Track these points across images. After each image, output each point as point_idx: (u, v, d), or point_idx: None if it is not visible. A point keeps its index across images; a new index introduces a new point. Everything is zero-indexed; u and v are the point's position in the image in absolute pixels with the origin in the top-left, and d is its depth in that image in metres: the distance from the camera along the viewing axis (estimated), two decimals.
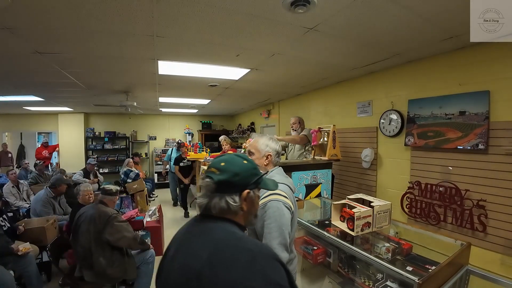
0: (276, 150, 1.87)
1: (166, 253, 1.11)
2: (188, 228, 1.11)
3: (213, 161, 1.13)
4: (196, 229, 1.07)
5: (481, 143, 2.65)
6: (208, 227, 1.04)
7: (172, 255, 1.05)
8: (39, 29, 2.43)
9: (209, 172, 1.08)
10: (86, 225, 2.94)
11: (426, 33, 2.53)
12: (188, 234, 1.08)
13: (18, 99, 6.29)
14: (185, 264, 0.94)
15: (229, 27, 2.42)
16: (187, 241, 1.04)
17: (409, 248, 2.00)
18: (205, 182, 1.07)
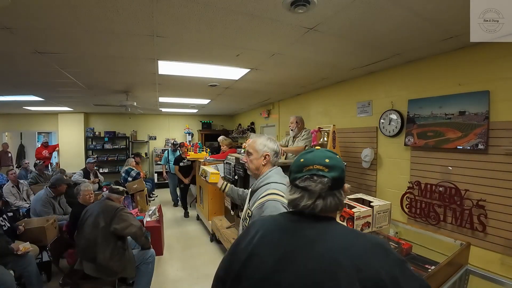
0: (274, 150, 1.87)
1: (249, 263, 0.99)
2: (296, 233, 0.99)
3: (310, 158, 1.04)
4: (312, 232, 0.97)
5: (481, 143, 2.65)
6: (328, 229, 0.98)
7: (274, 265, 0.93)
8: (39, 29, 2.43)
9: (314, 170, 1.00)
10: (94, 218, 3.02)
11: (426, 33, 2.53)
12: (302, 239, 0.96)
13: (18, 99, 6.29)
14: (321, 272, 0.87)
15: (229, 27, 2.42)
16: (306, 248, 0.93)
17: (409, 248, 2.01)
18: (319, 181, 0.98)
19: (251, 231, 1.07)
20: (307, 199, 0.98)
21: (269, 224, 1.07)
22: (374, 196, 3.58)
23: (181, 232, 5.75)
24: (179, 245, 5.06)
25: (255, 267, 0.96)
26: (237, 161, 4.08)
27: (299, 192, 1.00)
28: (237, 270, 1.00)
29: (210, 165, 5.20)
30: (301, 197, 0.99)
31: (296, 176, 1.02)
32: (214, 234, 4.92)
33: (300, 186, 1.00)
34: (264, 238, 1.01)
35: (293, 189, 1.02)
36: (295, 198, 1.01)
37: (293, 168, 1.06)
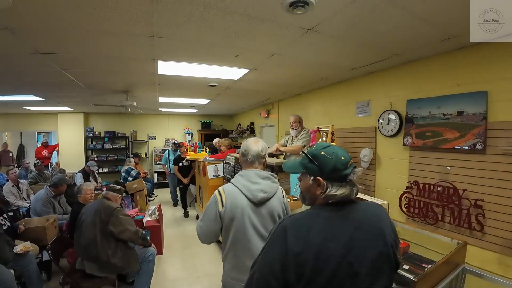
0: (242, 152, 1.94)
1: (318, 260, 1.03)
2: (346, 219, 1.13)
3: (344, 154, 1.20)
4: (355, 214, 1.15)
5: (479, 143, 2.66)
6: (361, 207, 1.19)
7: (344, 251, 1.05)
8: (39, 29, 2.44)
9: (352, 164, 1.19)
10: (92, 217, 3.03)
11: (424, 33, 2.54)
12: (352, 222, 1.12)
13: (18, 99, 6.30)
14: (377, 241, 1.12)
15: (229, 27, 2.43)
16: (360, 227, 1.11)
17: (406, 247, 2.02)
18: (356, 173, 1.17)
19: (293, 235, 1.07)
20: (353, 189, 1.16)
21: (316, 220, 1.12)
22: (372, 196, 3.61)
23: (181, 231, 5.76)
24: (179, 244, 5.07)
25: (326, 261, 1.02)
26: (237, 161, 4.09)
27: (347, 186, 1.14)
28: (308, 271, 1.01)
29: (210, 165, 5.22)
30: (350, 189, 1.14)
31: (346, 172, 1.14)
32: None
33: (350, 181, 1.15)
34: (322, 232, 1.07)
35: (342, 184, 1.14)
36: (346, 192, 1.13)
37: (338, 166, 1.14)
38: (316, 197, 1.19)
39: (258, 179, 1.83)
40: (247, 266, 1.61)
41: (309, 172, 1.21)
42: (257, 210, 1.78)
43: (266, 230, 1.77)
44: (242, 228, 1.77)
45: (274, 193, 1.85)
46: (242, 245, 1.78)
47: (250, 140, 1.97)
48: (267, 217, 1.80)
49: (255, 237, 1.77)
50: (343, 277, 1.02)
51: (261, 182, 1.82)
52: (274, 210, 1.83)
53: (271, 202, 1.82)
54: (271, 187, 1.84)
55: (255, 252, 1.69)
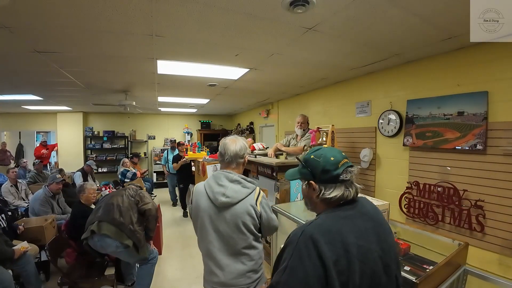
0: (219, 151, 1.87)
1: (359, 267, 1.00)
2: (365, 219, 1.14)
3: (335, 154, 1.19)
4: (369, 210, 1.20)
5: (479, 143, 2.65)
6: (366, 203, 1.23)
7: (379, 250, 1.07)
8: (38, 28, 2.42)
9: (345, 164, 1.16)
10: (118, 191, 3.37)
11: (425, 33, 2.53)
12: (371, 221, 1.14)
13: (16, 98, 6.27)
14: (389, 235, 1.18)
15: (228, 26, 2.42)
16: (377, 223, 1.16)
17: (407, 248, 2.01)
18: (352, 171, 1.17)
19: (324, 241, 1.01)
20: (351, 189, 1.15)
21: (341, 222, 1.09)
22: (372, 196, 3.60)
23: (180, 231, 5.75)
24: (178, 244, 5.06)
25: (365, 261, 1.02)
26: None
27: (341, 186, 1.14)
28: (352, 276, 0.98)
29: (209, 164, 5.20)
30: (346, 190, 1.14)
31: (337, 172, 1.13)
32: None
33: (344, 180, 1.13)
34: (352, 233, 1.05)
35: (336, 185, 1.14)
36: (341, 193, 1.13)
37: (328, 167, 1.14)
38: (315, 202, 1.20)
39: (225, 182, 1.73)
40: (210, 268, 1.75)
41: (303, 177, 1.23)
42: (220, 213, 1.70)
43: (230, 236, 1.70)
44: (204, 230, 1.75)
45: (241, 199, 1.71)
46: (205, 246, 1.77)
47: (228, 139, 1.86)
48: (230, 223, 1.69)
49: (216, 241, 1.72)
50: (380, 272, 1.05)
51: (227, 186, 1.72)
52: (238, 217, 1.69)
53: (235, 208, 1.69)
54: (238, 192, 1.71)
55: (216, 255, 1.71)
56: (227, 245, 1.72)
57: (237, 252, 1.72)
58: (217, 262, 1.72)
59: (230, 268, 1.71)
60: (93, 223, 2.97)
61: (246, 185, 1.76)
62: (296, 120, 4.19)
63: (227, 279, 1.70)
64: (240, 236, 1.70)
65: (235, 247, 1.71)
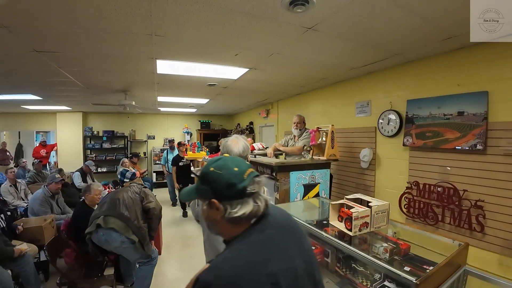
0: (222, 153, 1.86)
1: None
2: (285, 224, 1.12)
3: (239, 164, 1.04)
4: (283, 220, 1.14)
5: (480, 143, 2.65)
6: (278, 210, 1.17)
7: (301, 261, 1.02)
8: (36, 27, 2.41)
9: (251, 174, 1.02)
10: (122, 189, 3.38)
11: (425, 33, 2.53)
12: (288, 229, 1.10)
13: (16, 98, 6.26)
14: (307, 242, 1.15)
15: (228, 26, 2.41)
16: (294, 231, 1.12)
17: (407, 248, 2.00)
18: (260, 181, 1.04)
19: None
20: (260, 203, 1.00)
21: (264, 258, 0.93)
22: (372, 196, 3.58)
23: (180, 232, 5.74)
24: (178, 244, 5.05)
25: (294, 280, 0.95)
26: None
27: (249, 201, 0.98)
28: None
29: None
30: (255, 204, 0.99)
31: (243, 184, 0.97)
32: None
33: (252, 192, 0.98)
34: (276, 258, 0.95)
35: (243, 200, 0.98)
36: (251, 209, 0.98)
37: (233, 180, 0.97)
38: (220, 224, 1.01)
39: None
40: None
41: (202, 196, 1.03)
42: None
43: None
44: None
45: None
46: (214, 246, 1.83)
47: (230, 140, 1.85)
48: None
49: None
50: (307, 285, 1.00)
51: None
52: None
53: None
54: None
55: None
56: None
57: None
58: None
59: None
60: (98, 217, 2.96)
61: None
62: (292, 121, 4.20)
63: None
64: None
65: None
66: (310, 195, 3.27)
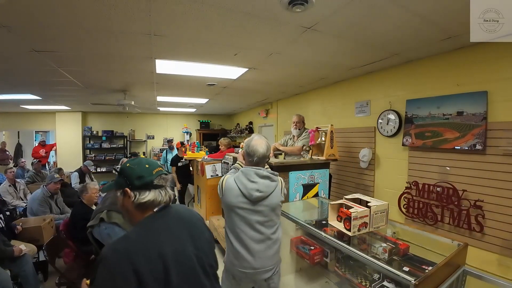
0: (247, 152, 2.05)
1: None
2: (182, 216, 1.33)
3: (150, 163, 1.30)
4: (182, 214, 1.35)
5: (479, 143, 2.65)
6: (177, 207, 1.38)
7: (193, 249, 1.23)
8: (35, 27, 2.41)
9: (159, 171, 1.28)
10: None
11: (424, 33, 2.53)
12: (184, 222, 1.31)
13: (15, 98, 6.25)
14: (203, 231, 1.37)
15: (227, 26, 2.41)
16: (190, 224, 1.32)
17: (406, 248, 2.00)
18: (166, 178, 1.30)
19: (139, 256, 1.09)
20: (164, 195, 1.25)
21: (159, 239, 1.16)
22: (371, 196, 3.59)
23: None
24: None
25: (182, 263, 1.16)
26: (235, 160, 4.06)
27: (155, 191, 1.23)
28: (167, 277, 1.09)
29: (208, 164, 5.19)
30: (159, 195, 1.24)
31: (151, 178, 1.23)
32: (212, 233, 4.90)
33: (158, 185, 1.24)
34: (169, 247, 1.15)
35: (150, 191, 1.22)
36: (155, 197, 1.22)
37: (143, 174, 1.22)
38: (131, 210, 1.23)
39: (256, 178, 1.95)
40: (239, 252, 1.98)
41: (119, 186, 1.25)
42: (253, 207, 1.94)
43: (262, 225, 1.97)
44: (237, 220, 1.98)
45: (271, 192, 1.97)
46: (237, 235, 2.00)
47: (255, 140, 2.04)
48: (266, 211, 1.96)
49: (250, 230, 1.96)
50: (195, 266, 1.20)
51: (258, 181, 1.95)
52: (270, 208, 1.98)
53: (269, 199, 1.96)
54: (268, 186, 1.97)
55: (248, 243, 1.96)
56: (259, 233, 1.97)
57: (267, 238, 1.99)
58: (249, 249, 1.96)
59: (260, 254, 1.97)
60: (102, 212, 2.97)
61: (274, 179, 2.03)
62: (292, 120, 4.18)
63: (257, 263, 1.97)
64: (270, 224, 2.00)
65: (265, 234, 1.99)
66: (309, 195, 3.26)
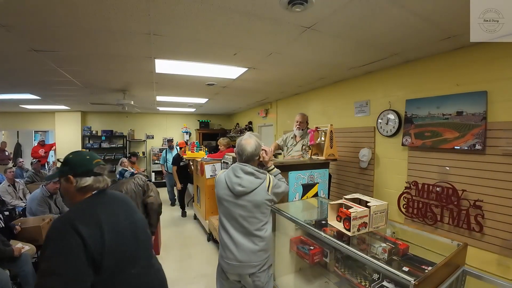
0: (237, 151, 2.15)
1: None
2: (115, 203, 1.55)
3: (90, 154, 1.54)
4: (117, 196, 1.63)
5: (478, 143, 2.65)
6: (113, 193, 1.64)
7: (128, 226, 1.49)
8: (35, 26, 2.40)
9: (99, 162, 1.51)
10: (131, 180, 3.36)
11: (424, 33, 2.52)
12: (118, 203, 1.57)
13: (14, 97, 6.25)
14: (135, 212, 1.63)
15: (226, 25, 2.41)
16: (124, 205, 1.58)
17: (406, 248, 2.00)
18: (105, 167, 1.54)
19: (84, 225, 1.31)
20: (102, 181, 1.49)
21: (97, 211, 1.39)
22: (371, 196, 3.58)
23: (178, 231, 5.73)
24: (176, 244, 5.04)
25: (121, 235, 1.40)
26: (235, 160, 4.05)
27: (94, 178, 1.45)
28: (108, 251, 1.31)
29: (208, 164, 5.19)
30: (97, 181, 1.46)
31: (91, 167, 1.46)
32: (211, 233, 4.90)
33: (97, 173, 1.47)
34: (107, 216, 1.39)
35: (88, 177, 1.44)
36: (93, 182, 1.45)
37: (83, 162, 1.46)
38: (72, 193, 1.44)
39: (241, 174, 2.04)
40: (226, 243, 2.08)
41: (62, 174, 1.44)
42: (236, 200, 2.02)
43: (245, 220, 2.02)
44: (225, 213, 2.09)
45: (254, 188, 2.02)
46: (223, 226, 2.11)
47: (244, 140, 2.13)
48: (249, 207, 2.01)
49: (234, 222, 2.06)
50: (129, 234, 1.45)
51: (242, 177, 2.03)
52: (253, 203, 2.02)
53: (252, 196, 2.01)
54: (252, 183, 2.02)
55: (233, 235, 2.05)
56: (242, 227, 2.04)
57: (250, 234, 2.03)
58: (234, 241, 2.04)
59: (243, 247, 2.02)
60: None
61: (258, 176, 2.06)
62: (295, 119, 4.04)
63: (241, 256, 2.02)
64: (253, 220, 2.03)
65: (248, 229, 2.03)
66: (309, 195, 3.26)
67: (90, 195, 1.45)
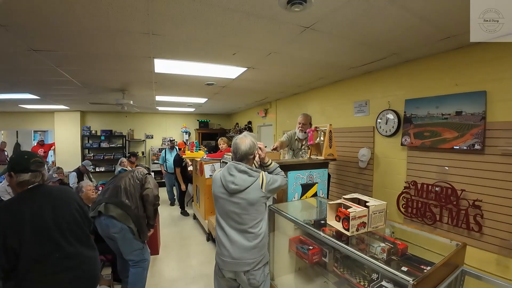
0: (232, 150, 2.21)
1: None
2: (45, 197, 1.83)
3: (25, 153, 1.90)
4: (52, 190, 1.93)
5: (478, 143, 2.65)
6: (46, 187, 1.93)
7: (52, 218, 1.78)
8: (33, 26, 2.40)
9: (37, 160, 1.84)
10: (127, 173, 3.38)
11: (423, 32, 2.52)
12: (50, 196, 1.86)
13: (13, 97, 6.23)
14: (69, 203, 1.96)
15: (225, 25, 2.40)
16: (57, 200, 1.88)
17: (405, 248, 2.00)
18: (41, 164, 1.86)
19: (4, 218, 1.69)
20: (37, 177, 1.81)
21: (23, 203, 1.73)
22: (370, 196, 3.59)
23: (178, 231, 5.73)
24: (175, 244, 5.04)
25: (41, 225, 1.71)
26: None
27: (31, 174, 1.78)
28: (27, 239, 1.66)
29: (207, 164, 5.19)
30: (34, 176, 1.79)
31: (28, 165, 1.78)
32: (210, 233, 4.91)
33: (35, 170, 1.79)
34: (28, 210, 1.70)
35: (26, 173, 1.76)
36: (29, 178, 1.78)
37: (20, 162, 1.80)
38: (14, 187, 1.79)
39: (235, 172, 2.08)
40: (221, 240, 2.13)
41: (6, 170, 1.80)
42: (230, 197, 2.06)
43: (239, 217, 2.06)
44: (220, 211, 2.14)
45: (247, 186, 2.05)
46: (219, 223, 2.16)
47: (239, 139, 2.17)
48: (243, 204, 2.04)
49: (229, 219, 2.10)
50: (52, 228, 1.73)
51: (236, 175, 2.06)
52: (246, 201, 2.05)
53: (245, 193, 2.04)
54: (245, 181, 2.05)
55: (228, 231, 2.09)
56: (236, 224, 2.08)
57: (244, 231, 2.06)
58: (229, 238, 2.08)
59: (238, 243, 2.06)
60: (100, 204, 3.00)
61: (251, 174, 2.08)
62: (297, 121, 3.93)
63: (235, 253, 2.05)
64: (247, 217, 2.06)
65: (242, 226, 2.06)
66: (308, 194, 3.25)
67: (26, 188, 1.76)
